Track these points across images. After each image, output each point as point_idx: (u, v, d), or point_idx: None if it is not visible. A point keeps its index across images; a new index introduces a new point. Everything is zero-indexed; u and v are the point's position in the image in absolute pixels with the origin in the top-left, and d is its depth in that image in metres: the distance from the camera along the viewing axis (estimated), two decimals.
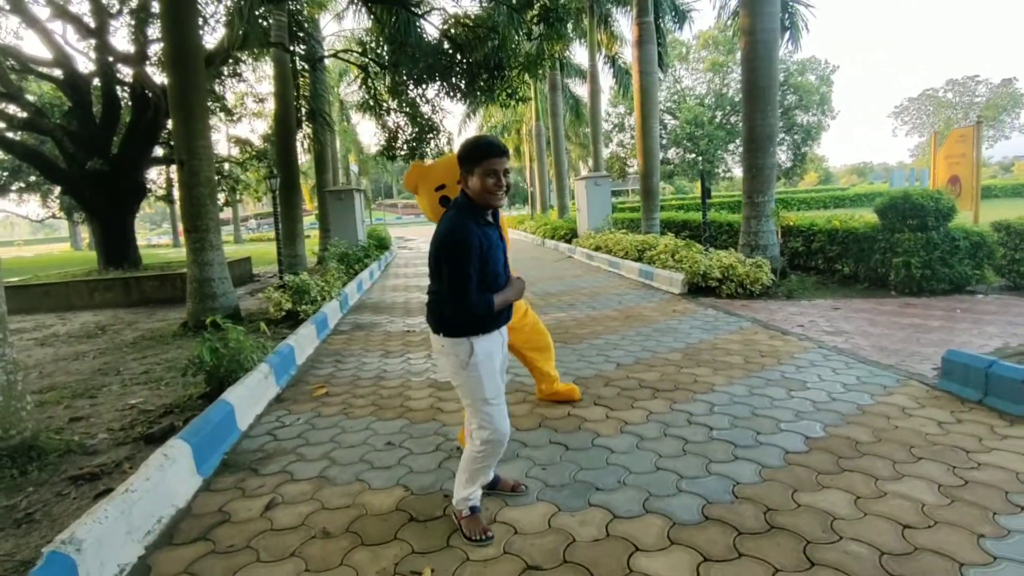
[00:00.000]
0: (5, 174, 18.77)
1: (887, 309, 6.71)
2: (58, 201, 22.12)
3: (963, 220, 8.14)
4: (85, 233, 47.45)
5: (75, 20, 11.86)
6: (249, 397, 4.24)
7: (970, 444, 3.12)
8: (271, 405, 4.51)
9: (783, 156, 39.79)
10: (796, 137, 38.06)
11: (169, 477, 2.95)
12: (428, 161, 15.38)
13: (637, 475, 2.97)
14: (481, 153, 2.34)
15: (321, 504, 2.89)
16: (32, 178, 19.56)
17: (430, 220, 3.30)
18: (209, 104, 10.25)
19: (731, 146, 38.88)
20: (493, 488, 2.86)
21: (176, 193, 21.21)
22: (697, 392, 4.15)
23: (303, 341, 6.03)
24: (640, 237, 11.69)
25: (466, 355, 2.41)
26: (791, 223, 9.62)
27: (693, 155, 37.15)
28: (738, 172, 45.51)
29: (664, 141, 39.18)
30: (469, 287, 2.30)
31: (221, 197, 17.49)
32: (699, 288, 8.27)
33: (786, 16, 12.39)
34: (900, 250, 7.52)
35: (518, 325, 3.78)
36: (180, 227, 41.02)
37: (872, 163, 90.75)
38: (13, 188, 19.94)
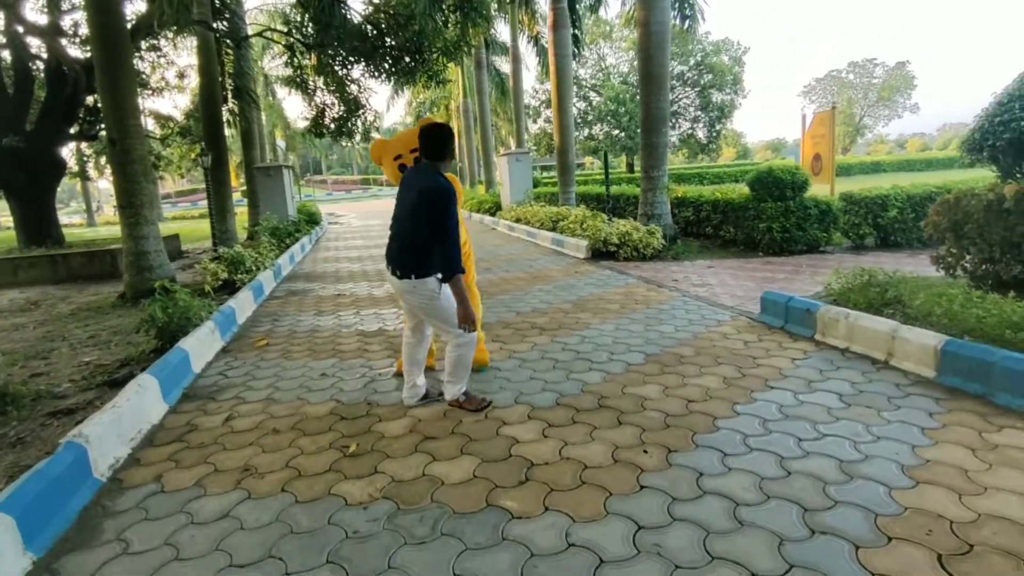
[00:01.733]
0: None
1: (750, 267, 8.01)
2: None
3: (823, 191, 9.60)
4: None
5: None
6: (199, 347, 4.94)
7: (759, 354, 4.28)
8: (218, 355, 5.21)
9: (700, 133, 42.01)
10: (712, 115, 40.22)
11: (144, 400, 3.68)
12: (377, 136, 15.81)
13: (515, 383, 3.95)
14: (452, 138, 3.38)
15: (270, 415, 3.71)
16: None
17: (393, 181, 4.08)
18: None
19: None
20: (425, 398, 3.71)
21: (91, 171, 20.61)
22: (575, 329, 5.19)
23: (242, 304, 6.68)
24: (555, 209, 12.73)
25: (436, 287, 3.23)
26: (680, 195, 10.87)
27: (617, 131, 38.65)
28: None
29: (590, 117, 40.48)
30: (454, 230, 3.12)
31: None
32: (601, 253, 9.38)
33: (686, 6, 13.55)
34: (765, 217, 8.86)
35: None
36: (94, 205, 38.77)
37: (786, 139, 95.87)
38: None
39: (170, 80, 18.16)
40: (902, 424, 3.04)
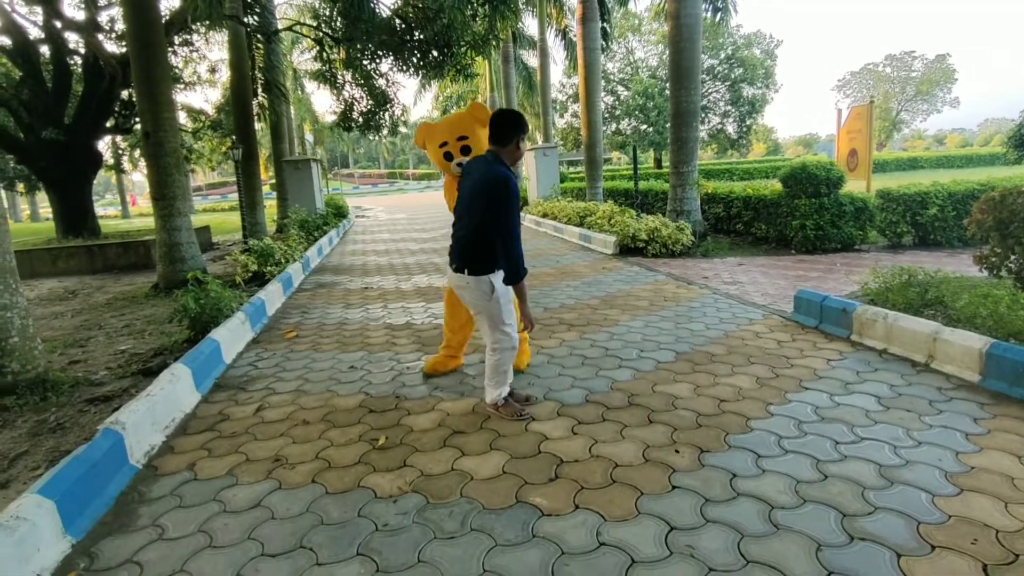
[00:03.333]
0: None
1: (782, 264, 7.85)
2: None
3: (859, 188, 9.36)
4: (24, 204, 45.73)
5: None
6: (230, 338, 5.01)
7: (792, 354, 4.18)
8: (248, 346, 5.29)
9: (730, 128, 41.32)
10: (742, 109, 39.52)
11: (177, 390, 3.74)
12: (404, 130, 15.84)
13: (544, 379, 3.92)
14: (524, 126, 3.10)
15: (300, 407, 3.74)
16: None
17: (440, 170, 4.02)
18: None
19: None
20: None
21: (125, 163, 21.08)
22: (604, 326, 5.14)
23: (271, 296, 6.77)
24: (583, 204, 12.64)
25: (489, 289, 3.06)
26: (710, 191, 10.70)
27: (645, 126, 38.24)
28: None
29: (618, 112, 40.12)
30: (516, 229, 2.94)
31: None
32: (629, 249, 9.28)
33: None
34: (798, 214, 8.67)
35: None
36: (130, 197, 39.75)
37: (819, 135, 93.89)
38: None
39: (202, 74, 18.52)
40: (944, 429, 2.94)
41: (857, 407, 3.24)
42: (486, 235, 3.01)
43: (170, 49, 14.56)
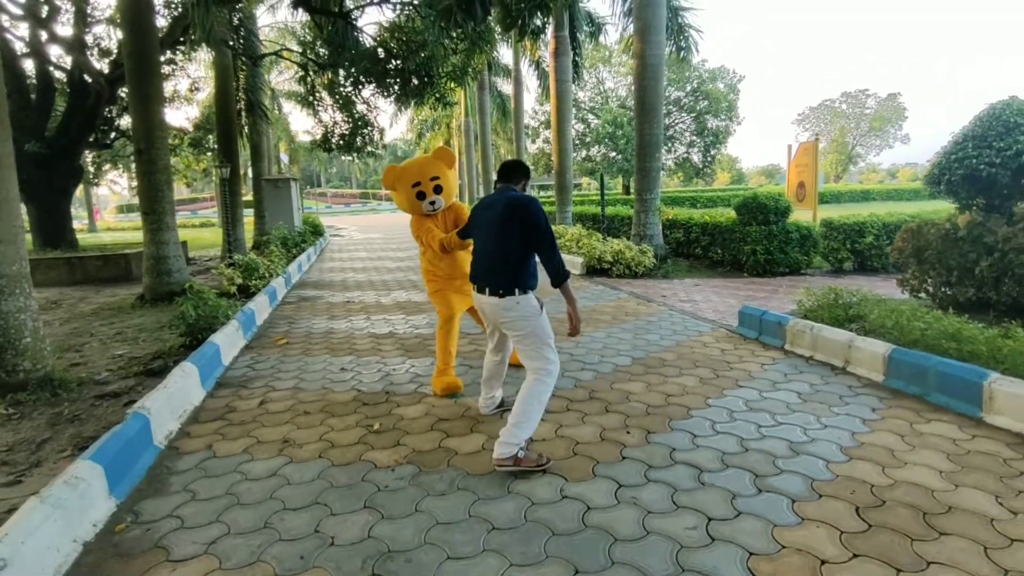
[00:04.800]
0: None
1: (734, 285, 8.57)
2: None
3: (807, 217, 10.21)
4: None
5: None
6: (227, 343, 5.42)
7: (733, 360, 4.81)
8: (242, 351, 5.69)
9: (696, 157, 42.94)
10: (707, 140, 41.19)
11: (187, 384, 4.16)
12: (380, 152, 16.30)
13: (516, 379, 4.43)
14: (529, 174, 3.42)
15: (299, 401, 4.19)
16: None
17: (405, 212, 4.18)
18: None
19: None
20: (500, 406, 3.76)
21: (115, 177, 21.08)
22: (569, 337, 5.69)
23: (259, 308, 7.16)
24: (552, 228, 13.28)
25: (539, 305, 3.12)
26: (670, 217, 11.47)
27: (614, 153, 39.53)
28: None
29: (588, 139, 41.36)
30: (551, 239, 3.04)
31: None
32: (595, 270, 9.93)
33: (682, 38, 14.28)
34: (750, 240, 9.45)
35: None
36: (95, 211, 39.07)
37: (780, 166, 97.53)
38: None
39: (182, 92, 18.81)
40: (847, 416, 3.56)
41: (780, 400, 3.86)
42: (525, 253, 3.08)
43: None
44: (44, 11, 11.83)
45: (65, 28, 13.36)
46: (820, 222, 9.86)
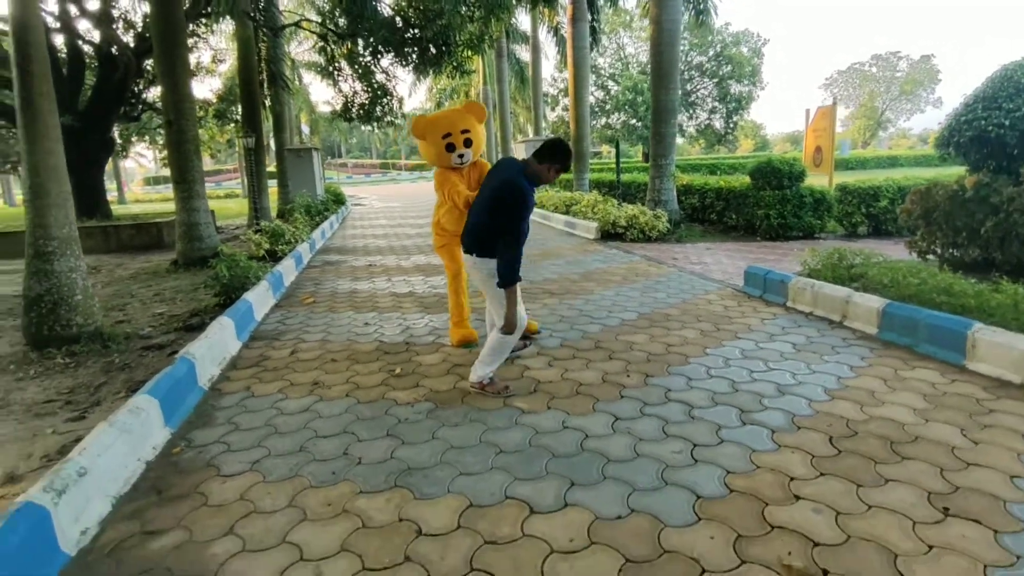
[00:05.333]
0: None
1: (746, 249, 8.72)
2: None
3: (824, 182, 10.25)
4: (17, 189, 45.81)
5: None
6: (258, 301, 5.79)
7: (735, 315, 5.04)
8: (272, 310, 6.07)
9: (717, 123, 42.28)
10: (729, 106, 40.48)
11: (225, 336, 4.53)
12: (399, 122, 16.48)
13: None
14: (565, 159, 3.29)
15: (327, 351, 4.54)
16: None
17: (431, 163, 4.16)
18: None
19: None
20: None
21: (142, 148, 21.61)
22: (580, 295, 5.97)
23: (287, 270, 7.53)
24: (568, 194, 13.46)
25: (494, 270, 3.27)
26: (685, 183, 11.56)
27: (634, 120, 39.11)
28: (678, 139, 47.90)
29: (608, 107, 40.93)
30: (516, 233, 3.18)
31: None
32: (610, 234, 10.12)
33: (700, 2, 14.09)
34: (763, 204, 9.54)
35: None
36: (124, 182, 39.94)
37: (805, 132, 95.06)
38: None
39: (204, 64, 19.10)
40: (837, 364, 3.80)
41: (775, 350, 4.10)
42: (494, 231, 3.28)
43: None
44: None
45: (92, 2, 13.68)
46: (835, 186, 9.88)
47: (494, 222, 3.26)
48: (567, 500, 2.38)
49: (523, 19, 24.10)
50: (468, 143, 4.03)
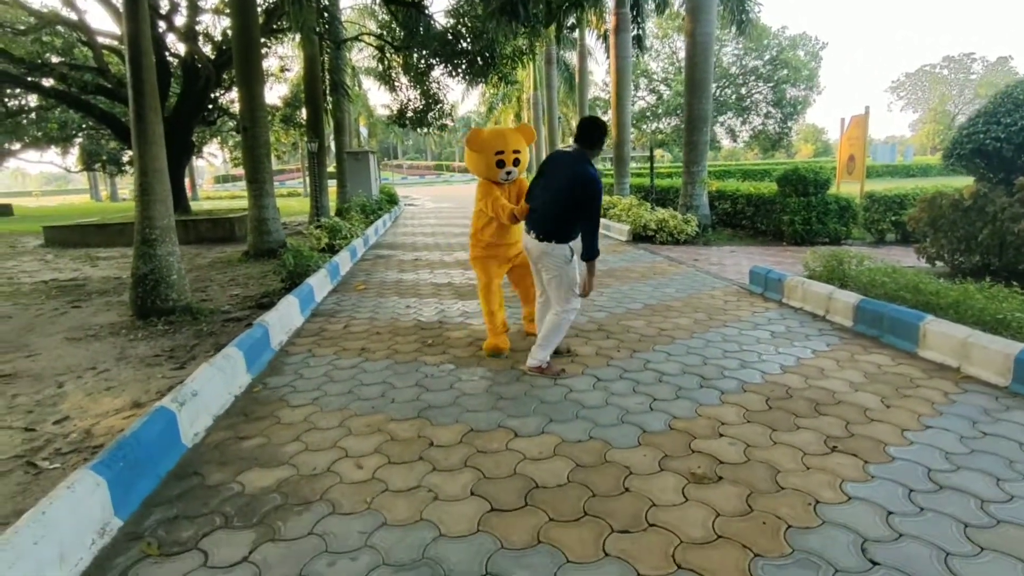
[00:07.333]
0: (56, 128, 20.81)
1: (768, 253, 9.19)
2: (78, 153, 23.65)
3: (856, 190, 10.57)
4: (103, 185, 49.73)
5: None
6: (318, 285, 6.76)
7: (731, 308, 5.65)
8: (329, 294, 7.03)
9: (772, 128, 41.72)
10: (785, 110, 39.93)
11: (291, 311, 5.48)
12: (450, 124, 17.46)
13: None
14: (602, 136, 3.83)
15: (373, 326, 5.43)
16: (74, 132, 21.62)
17: (477, 174, 4.43)
18: None
19: (721, 118, 40.70)
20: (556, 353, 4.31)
21: (216, 150, 23.46)
22: (596, 288, 6.67)
23: (343, 261, 8.53)
24: (607, 198, 14.08)
25: (569, 254, 3.80)
26: (716, 188, 12.02)
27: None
28: (727, 143, 47.42)
29: (659, 111, 41.07)
30: (599, 215, 3.69)
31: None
32: (641, 237, 10.73)
33: (740, 10, 14.46)
34: (789, 210, 9.95)
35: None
36: (196, 180, 42.54)
37: (872, 137, 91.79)
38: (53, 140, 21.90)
39: (272, 71, 20.64)
40: (803, 348, 4.39)
41: (753, 336, 4.72)
42: (572, 218, 3.70)
43: None
44: (166, 6, 13.62)
45: (179, 18, 15.23)
46: (864, 194, 10.17)
47: (581, 211, 3.67)
48: (544, 430, 3.14)
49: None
50: (516, 162, 4.30)
